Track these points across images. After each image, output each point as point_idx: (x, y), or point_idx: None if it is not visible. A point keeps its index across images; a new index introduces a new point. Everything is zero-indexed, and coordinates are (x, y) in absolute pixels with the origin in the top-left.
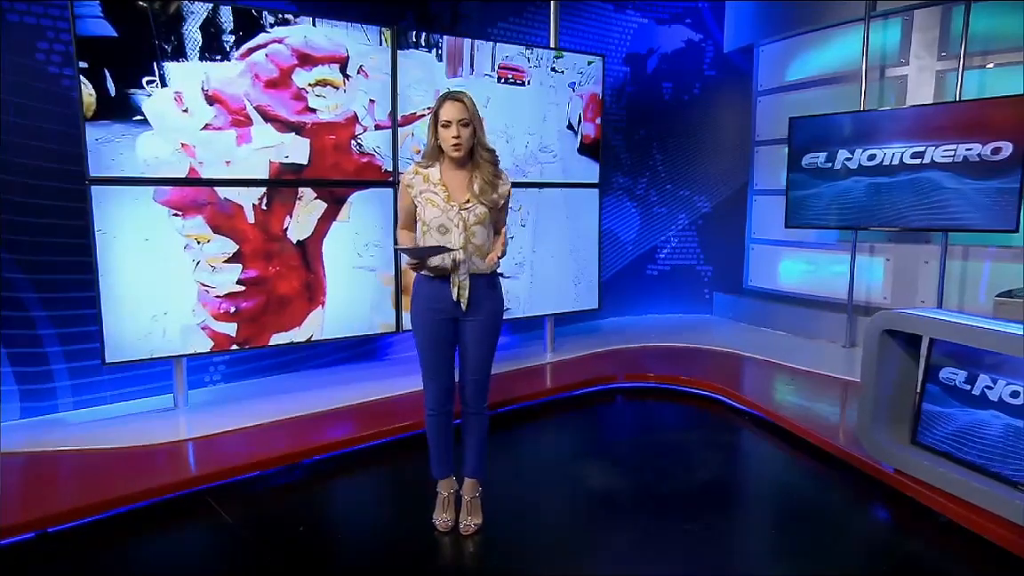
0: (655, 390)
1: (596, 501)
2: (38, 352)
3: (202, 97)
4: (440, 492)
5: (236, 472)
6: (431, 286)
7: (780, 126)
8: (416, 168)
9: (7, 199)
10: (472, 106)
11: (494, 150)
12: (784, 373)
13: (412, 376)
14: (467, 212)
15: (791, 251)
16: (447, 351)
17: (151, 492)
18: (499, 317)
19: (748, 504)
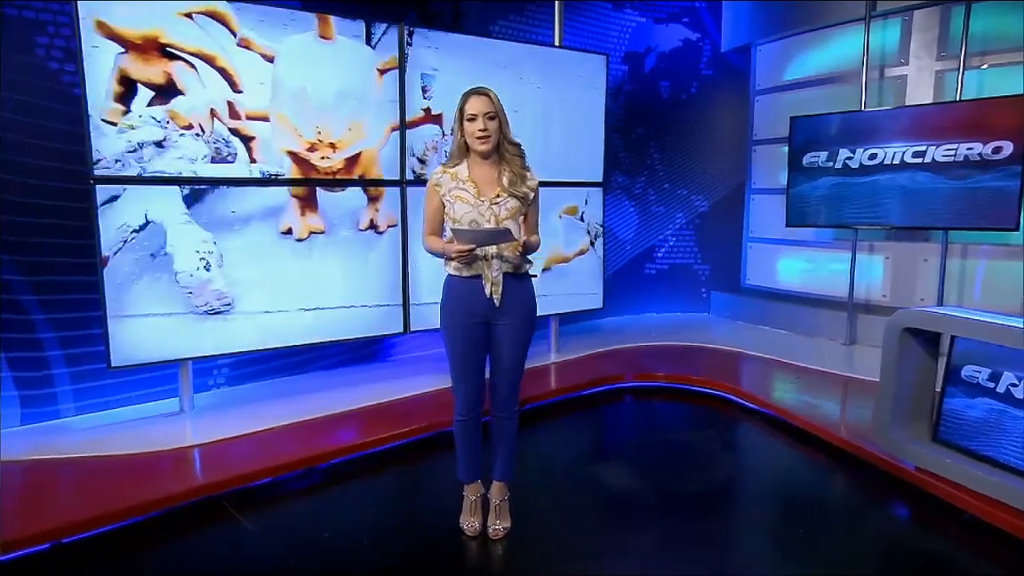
0: (663, 389)
1: (617, 502)
2: (39, 356)
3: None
4: (467, 496)
5: (253, 477)
6: (463, 286)
7: (778, 125)
8: (443, 168)
9: (7, 199)
10: (497, 100)
11: (520, 143)
12: (788, 371)
13: (421, 377)
14: (498, 206)
15: (789, 250)
16: (479, 354)
17: (169, 499)
18: (532, 318)
19: (768, 503)
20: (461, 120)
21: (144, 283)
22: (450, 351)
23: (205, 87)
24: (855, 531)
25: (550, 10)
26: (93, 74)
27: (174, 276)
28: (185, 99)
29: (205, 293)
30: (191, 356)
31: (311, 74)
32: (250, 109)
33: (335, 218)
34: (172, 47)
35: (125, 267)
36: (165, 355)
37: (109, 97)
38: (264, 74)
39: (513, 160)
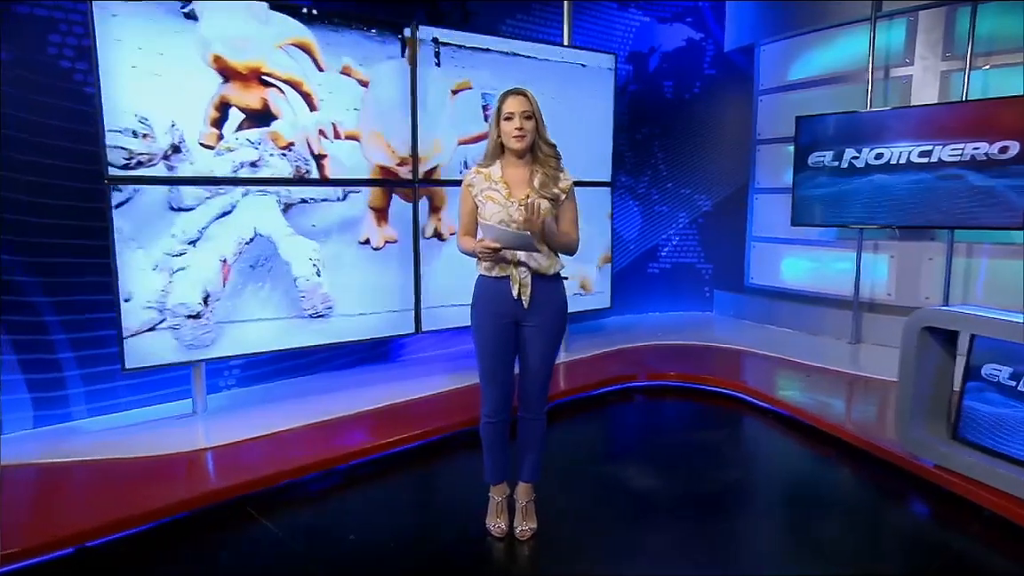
0: (674, 389)
1: (639, 502)
2: (51, 359)
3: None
4: (493, 497)
5: (274, 479)
6: (492, 286)
7: (782, 125)
8: (477, 168)
9: (18, 199)
10: (534, 101)
11: (555, 144)
12: (797, 370)
13: (432, 378)
14: (527, 207)
15: (793, 249)
16: (508, 356)
17: (192, 502)
18: (562, 319)
19: (787, 502)
20: (498, 119)
21: (251, 290)
22: (479, 350)
23: (295, 111)
24: (875, 529)
25: (556, 9)
26: (109, 76)
27: (293, 281)
28: (285, 121)
29: (314, 296)
30: (205, 358)
31: (401, 96)
32: (348, 129)
33: (404, 228)
34: (269, 75)
35: (239, 276)
36: (177, 357)
37: (206, 122)
38: (357, 97)
39: (547, 161)
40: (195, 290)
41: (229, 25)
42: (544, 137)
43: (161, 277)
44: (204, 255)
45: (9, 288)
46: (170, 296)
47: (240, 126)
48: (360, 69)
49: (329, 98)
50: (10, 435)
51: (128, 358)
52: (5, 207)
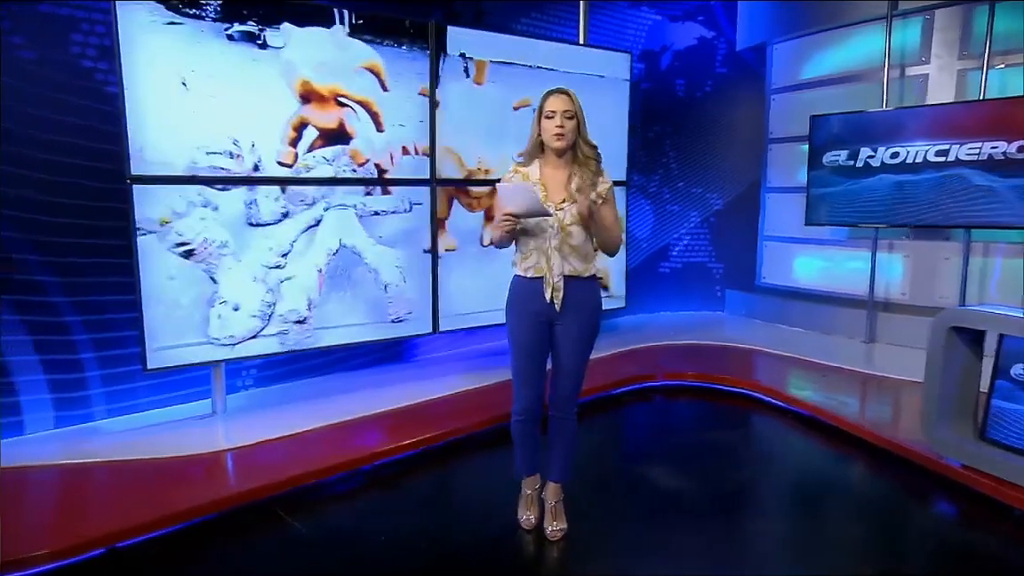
0: (692, 389)
1: (666, 502)
2: (72, 359)
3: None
4: (524, 490)
5: (300, 480)
6: (527, 286)
7: (795, 124)
8: (515, 167)
9: (40, 199)
10: (577, 101)
11: (596, 146)
12: (813, 369)
13: (449, 378)
14: (563, 212)
15: (806, 248)
16: (541, 355)
17: (219, 503)
18: (595, 321)
19: (814, 503)
20: (539, 117)
21: (336, 297)
22: (513, 349)
23: (368, 129)
24: (903, 530)
25: (570, 8)
26: (133, 75)
27: (384, 288)
28: (360, 139)
29: (400, 302)
30: (226, 358)
31: (471, 114)
32: (423, 145)
33: (463, 236)
34: (345, 96)
35: (327, 284)
36: (198, 357)
37: (284, 142)
38: (421, 116)
39: (587, 163)
40: (302, 297)
41: (315, 51)
42: (585, 138)
43: (260, 287)
44: (301, 266)
45: (31, 288)
46: (281, 303)
47: (312, 146)
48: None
49: (396, 117)
50: (32, 435)
51: (150, 358)
52: (26, 206)
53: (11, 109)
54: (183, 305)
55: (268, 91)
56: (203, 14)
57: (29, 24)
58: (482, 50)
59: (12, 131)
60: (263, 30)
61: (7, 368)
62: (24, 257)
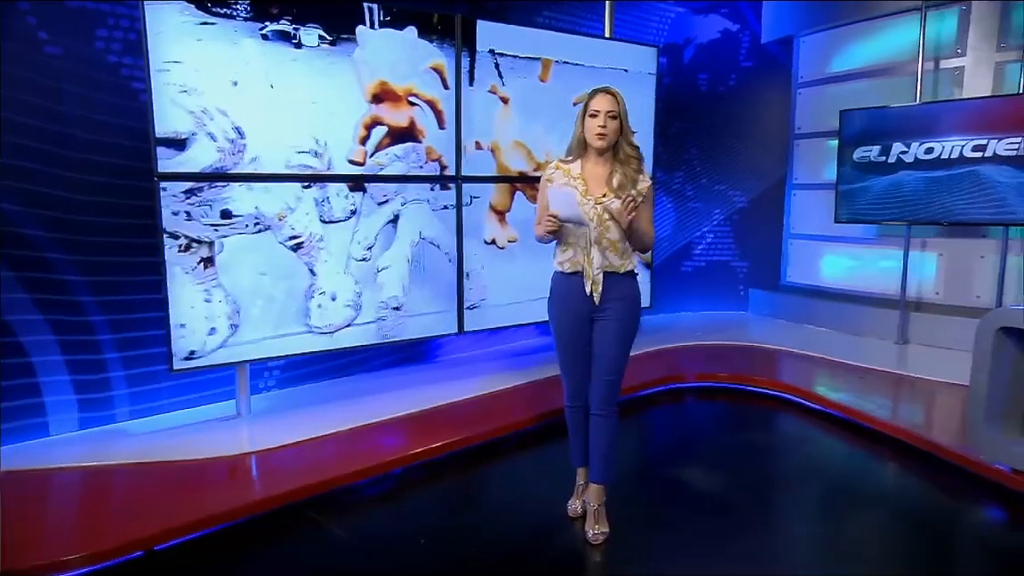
0: (724, 390)
1: (708, 506)
2: (97, 359)
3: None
4: (578, 481)
5: (332, 484)
6: (566, 281)
7: (822, 119)
8: (558, 163)
9: (67, 196)
10: (622, 102)
11: (639, 147)
12: (846, 371)
13: (474, 379)
14: (602, 207)
15: (833, 246)
16: (583, 348)
17: (254, 506)
18: (634, 317)
19: (858, 508)
20: (583, 115)
21: (417, 286)
22: (556, 342)
23: (433, 126)
24: (953, 535)
25: (593, 1)
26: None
27: (466, 275)
28: (430, 137)
29: (477, 289)
30: (252, 359)
31: (537, 110)
32: (491, 141)
33: (522, 228)
34: (416, 95)
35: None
36: (224, 358)
37: (355, 141)
38: (495, 112)
39: (628, 162)
40: (398, 285)
41: (389, 53)
42: (628, 138)
43: (349, 279)
44: (391, 257)
45: (56, 286)
46: (379, 291)
47: (379, 144)
48: (503, 90)
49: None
50: (57, 437)
51: (176, 359)
52: (53, 204)
53: (37, 106)
54: (277, 298)
55: (343, 92)
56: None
57: (57, 21)
58: (506, 44)
59: (40, 128)
60: (335, 37)
61: (32, 368)
62: (53, 256)
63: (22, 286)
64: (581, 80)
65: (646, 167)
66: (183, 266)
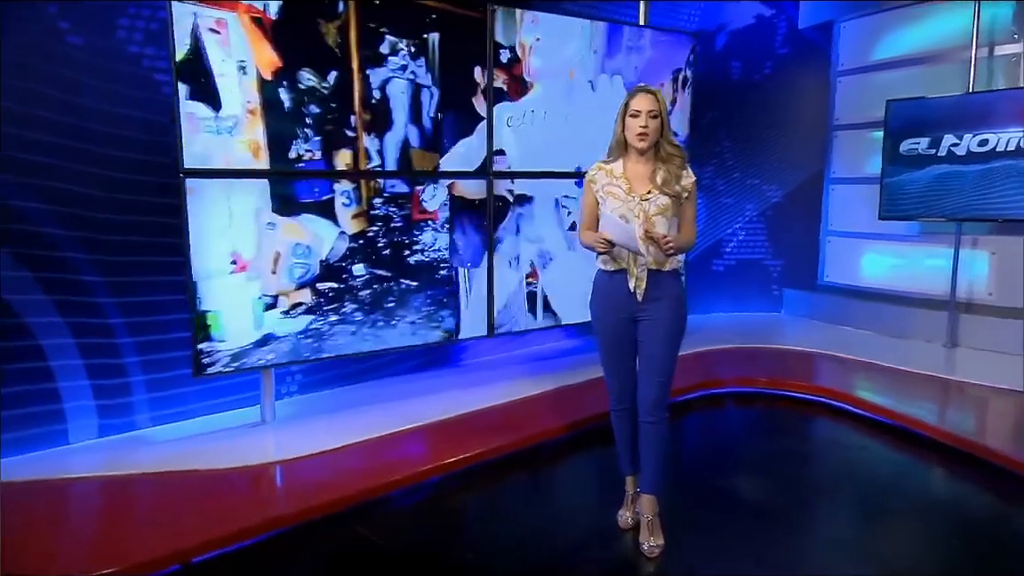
0: (765, 395)
1: (760, 514)
2: (117, 363)
3: None
4: (627, 490)
5: (369, 493)
6: (608, 280)
7: (864, 109)
8: (599, 164)
9: (88, 193)
10: (663, 100)
11: (680, 146)
12: (893, 376)
13: (501, 384)
14: (648, 203)
15: (875, 244)
16: (627, 349)
17: (290, 517)
18: (679, 316)
19: (918, 517)
20: (623, 115)
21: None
22: (599, 344)
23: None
24: (1015, 540)
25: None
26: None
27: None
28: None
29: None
30: (279, 363)
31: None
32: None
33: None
34: None
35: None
36: (250, 363)
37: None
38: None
39: (671, 159)
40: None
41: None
42: (668, 138)
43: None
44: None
45: (77, 288)
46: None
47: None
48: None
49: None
50: (77, 445)
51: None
52: (74, 201)
53: (56, 99)
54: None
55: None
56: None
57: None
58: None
59: (58, 122)
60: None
61: (52, 373)
62: (74, 255)
63: (41, 287)
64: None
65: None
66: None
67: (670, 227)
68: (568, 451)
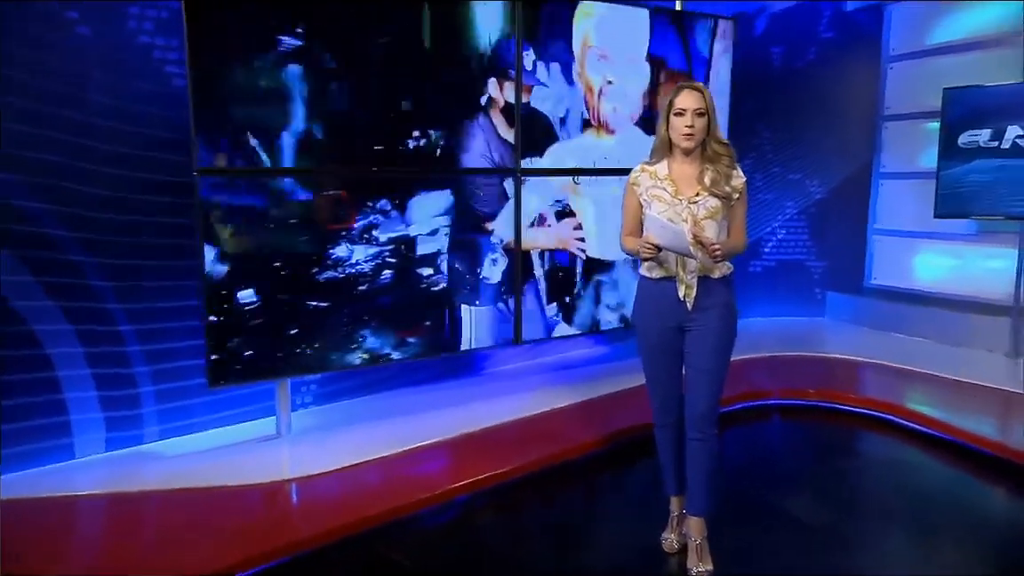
0: (813, 408)
1: (816, 537)
2: (126, 373)
3: None
4: (672, 511)
5: (395, 513)
6: (654, 287)
7: (917, 97)
8: (643, 166)
9: (94, 192)
10: (709, 97)
11: (729, 143)
12: (953, 388)
13: (526, 395)
14: (696, 206)
15: (929, 244)
16: (673, 361)
17: (312, 539)
18: (732, 325)
19: (984, 542)
20: (668, 114)
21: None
22: (642, 355)
23: None
24: None
25: None
26: None
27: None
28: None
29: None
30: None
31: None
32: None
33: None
34: None
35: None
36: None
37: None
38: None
39: (719, 159)
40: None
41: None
42: (716, 136)
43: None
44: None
45: (84, 293)
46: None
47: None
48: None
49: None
50: (83, 460)
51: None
52: (80, 201)
53: (69, 96)
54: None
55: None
56: None
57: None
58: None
59: (73, 119)
60: None
61: (58, 383)
62: (79, 259)
63: (46, 291)
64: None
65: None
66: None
67: (720, 231)
68: (604, 466)
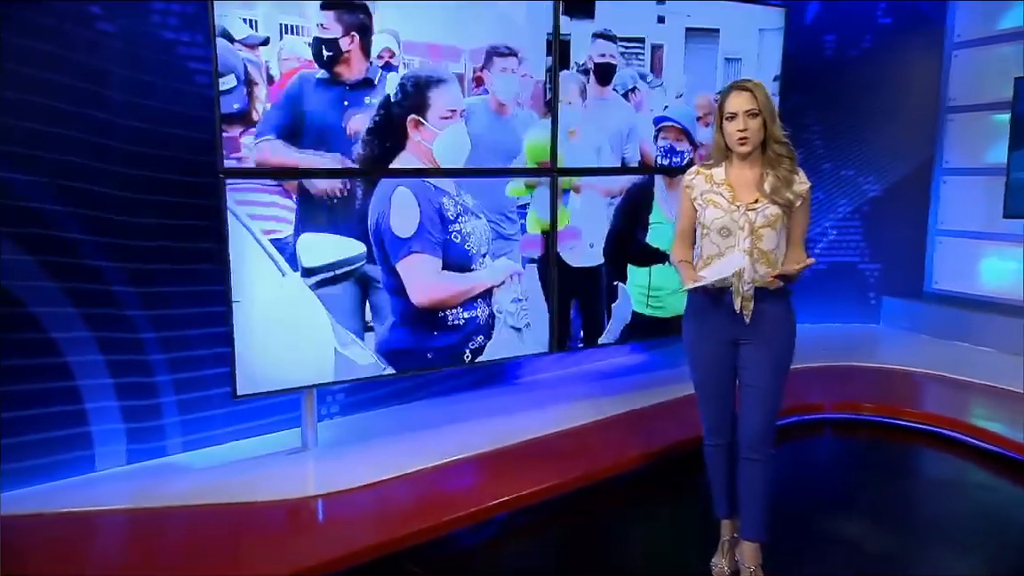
0: (868, 423)
1: (877, 566)
2: (148, 382)
3: None
4: (722, 535)
5: (431, 532)
6: (707, 299)
7: (986, 87)
8: (698, 168)
9: (115, 194)
10: (763, 95)
11: (789, 143)
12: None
13: (560, 407)
14: (755, 213)
15: (998, 246)
16: (726, 375)
17: (345, 559)
18: (788, 341)
19: None
20: (720, 119)
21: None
22: (692, 370)
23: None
24: None
25: None
26: None
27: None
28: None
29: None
30: (323, 383)
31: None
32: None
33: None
34: None
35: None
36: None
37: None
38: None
39: (780, 162)
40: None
41: None
42: (775, 135)
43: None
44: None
45: (105, 299)
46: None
47: None
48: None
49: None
50: (104, 472)
51: (240, 384)
52: (100, 202)
53: (86, 91)
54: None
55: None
56: None
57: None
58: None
59: (88, 116)
60: None
61: (79, 393)
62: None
63: (69, 298)
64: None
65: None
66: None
67: (779, 239)
68: (648, 484)
